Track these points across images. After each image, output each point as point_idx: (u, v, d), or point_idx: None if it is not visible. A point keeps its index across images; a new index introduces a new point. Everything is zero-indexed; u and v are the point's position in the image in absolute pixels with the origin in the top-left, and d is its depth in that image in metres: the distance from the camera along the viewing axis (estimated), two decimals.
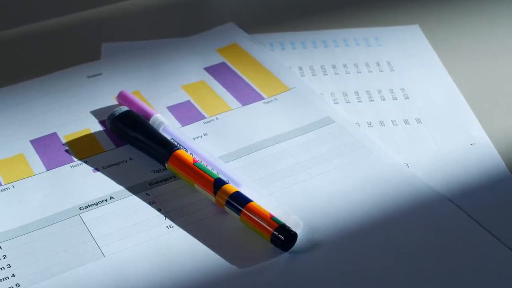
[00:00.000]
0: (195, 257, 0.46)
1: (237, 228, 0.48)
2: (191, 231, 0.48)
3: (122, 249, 0.47)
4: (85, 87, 0.60)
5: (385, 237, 0.47)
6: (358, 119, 0.56)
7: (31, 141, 0.55)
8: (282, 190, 0.50)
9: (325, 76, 0.61)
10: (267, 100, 0.58)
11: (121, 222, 0.49)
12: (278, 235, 0.46)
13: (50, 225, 0.48)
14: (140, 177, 0.52)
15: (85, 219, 0.49)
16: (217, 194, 0.49)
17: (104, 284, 0.45)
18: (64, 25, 0.68)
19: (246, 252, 0.46)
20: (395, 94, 0.59)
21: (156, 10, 0.70)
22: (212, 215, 0.49)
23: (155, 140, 0.52)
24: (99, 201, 0.50)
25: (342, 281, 0.45)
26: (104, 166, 0.53)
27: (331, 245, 0.47)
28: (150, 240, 0.47)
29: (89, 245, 0.47)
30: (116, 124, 0.54)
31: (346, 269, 0.45)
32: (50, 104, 0.58)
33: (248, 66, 0.61)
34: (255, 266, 0.45)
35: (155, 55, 0.63)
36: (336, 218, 0.48)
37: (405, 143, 0.54)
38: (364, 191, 0.50)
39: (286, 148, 0.54)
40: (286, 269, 0.45)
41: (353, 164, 0.52)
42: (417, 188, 0.50)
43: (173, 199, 0.50)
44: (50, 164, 0.53)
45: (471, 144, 0.54)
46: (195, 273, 0.45)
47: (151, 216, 0.49)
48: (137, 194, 0.50)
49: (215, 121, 0.56)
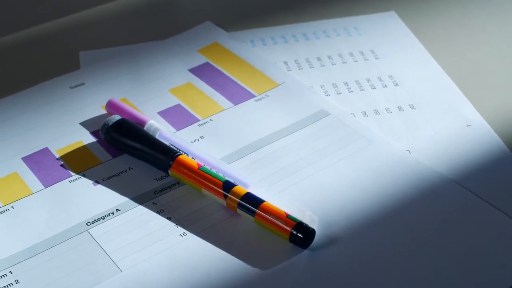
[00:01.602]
0: (215, 263, 0.45)
1: (251, 229, 0.47)
2: (205, 237, 0.47)
3: (139, 262, 0.46)
4: (69, 98, 0.58)
5: (399, 225, 0.47)
6: (352, 109, 0.56)
7: (23, 159, 0.53)
8: (290, 187, 0.50)
9: (311, 69, 0.60)
10: (258, 97, 0.57)
11: (132, 234, 0.47)
12: (297, 234, 0.45)
13: (59, 244, 0.47)
14: (143, 186, 0.51)
15: (94, 235, 0.47)
16: (228, 197, 0.48)
17: None
18: (34, 36, 0.66)
19: (265, 253, 0.46)
20: (384, 81, 0.59)
21: (127, 14, 0.68)
22: (224, 219, 0.48)
23: (154, 148, 0.51)
24: (105, 214, 0.49)
25: (365, 272, 0.45)
26: (104, 178, 0.51)
27: (348, 238, 0.46)
28: (166, 250, 0.46)
29: (104, 261, 0.46)
30: (110, 134, 0.53)
31: (367, 260, 0.45)
32: (36, 119, 0.56)
33: (233, 65, 0.61)
34: (278, 266, 0.45)
35: (135, 60, 0.62)
36: (348, 210, 0.48)
37: (402, 129, 0.54)
38: (371, 181, 0.50)
39: (286, 145, 0.53)
40: (309, 266, 0.45)
41: (355, 155, 0.52)
42: (423, 174, 0.50)
43: (181, 206, 0.49)
44: (47, 181, 0.51)
45: (467, 125, 0.54)
46: (219, 279, 0.44)
47: (162, 226, 0.48)
48: (144, 204, 0.49)
49: (209, 122, 0.56)
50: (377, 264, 0.45)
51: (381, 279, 0.44)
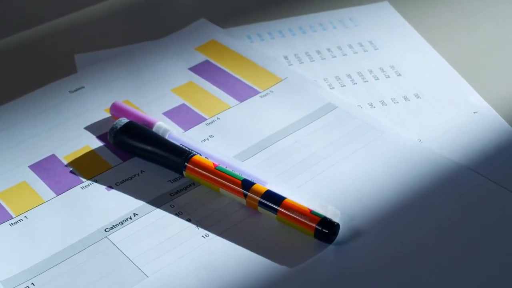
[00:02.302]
0: (242, 263, 0.45)
1: (273, 227, 0.47)
2: (228, 237, 0.46)
3: (164, 266, 0.45)
4: (70, 102, 0.57)
5: (419, 215, 0.47)
6: (358, 101, 0.56)
7: (30, 167, 0.52)
8: (307, 183, 0.50)
9: (312, 62, 0.60)
10: (263, 93, 0.57)
11: (153, 238, 0.47)
12: (322, 229, 0.45)
13: (79, 252, 0.46)
14: (158, 189, 0.50)
15: (114, 241, 0.47)
16: (248, 195, 0.47)
17: None
18: (25, 41, 0.64)
19: (291, 250, 0.46)
20: (387, 72, 0.59)
21: (118, 14, 0.67)
22: (245, 218, 0.48)
23: (167, 149, 0.50)
24: (123, 219, 0.48)
25: (392, 264, 0.45)
26: (117, 183, 0.50)
27: (371, 231, 0.46)
28: (190, 253, 0.46)
29: (128, 267, 0.45)
30: (119, 137, 0.52)
31: (393, 252, 0.45)
32: (39, 125, 0.55)
33: (234, 62, 0.60)
34: (305, 263, 0.45)
35: (133, 60, 0.61)
36: (368, 202, 0.48)
37: (410, 119, 0.55)
38: (387, 173, 0.50)
39: (297, 140, 0.53)
40: (335, 261, 0.45)
41: (368, 147, 0.52)
42: (437, 162, 0.50)
43: (200, 207, 0.48)
44: (59, 188, 0.50)
45: (474, 112, 0.55)
46: (248, 279, 0.44)
47: (183, 228, 0.47)
48: (161, 207, 0.49)
49: (217, 121, 0.55)
50: (404, 255, 0.45)
51: (409, 269, 0.44)
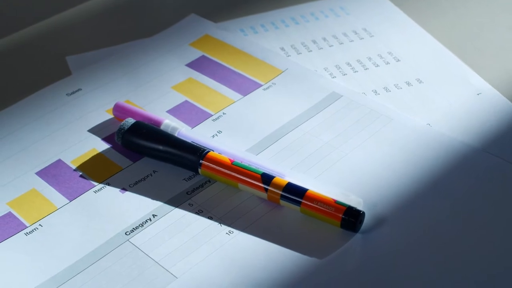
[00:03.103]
0: (272, 257, 0.44)
1: (296, 219, 0.46)
2: (253, 232, 0.46)
3: (192, 266, 0.44)
4: (69, 106, 0.55)
5: (438, 199, 0.47)
6: (362, 89, 0.56)
7: (37, 173, 0.50)
8: (323, 173, 0.49)
9: (310, 52, 0.60)
10: (265, 86, 0.56)
11: (177, 238, 0.46)
12: (348, 219, 0.45)
13: (102, 258, 0.45)
14: (173, 188, 0.49)
15: (136, 244, 0.45)
16: (269, 190, 0.47)
17: None
18: (12, 44, 0.62)
19: (318, 241, 0.45)
20: (385, 58, 0.59)
21: (104, 13, 0.65)
22: (267, 212, 0.47)
23: (180, 148, 0.50)
24: (142, 221, 0.47)
25: (419, 249, 0.44)
26: (130, 185, 0.49)
27: (394, 217, 0.46)
28: (217, 251, 0.45)
29: (155, 269, 0.44)
30: (128, 138, 0.51)
31: (418, 236, 0.45)
32: (40, 131, 0.53)
33: (231, 55, 0.59)
34: (335, 253, 0.44)
35: (128, 59, 0.60)
36: (386, 189, 0.48)
37: (416, 104, 0.55)
38: (401, 158, 0.50)
39: (307, 131, 0.52)
40: (364, 249, 0.45)
41: (379, 134, 0.52)
42: (450, 145, 0.51)
43: (219, 204, 0.48)
44: (70, 194, 0.49)
45: (478, 94, 0.55)
46: (279, 273, 0.43)
47: (205, 226, 0.46)
48: (180, 207, 0.48)
49: (223, 116, 0.54)
50: (429, 239, 0.45)
51: (436, 253, 0.44)
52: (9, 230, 0.47)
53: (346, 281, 0.43)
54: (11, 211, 0.48)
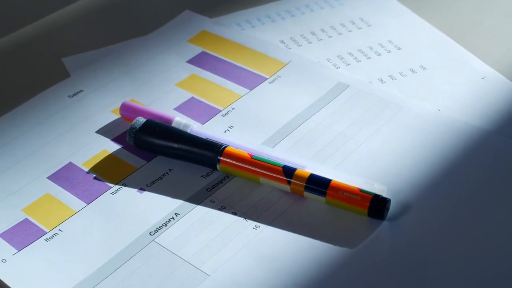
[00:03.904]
0: (303, 249, 0.44)
1: (321, 210, 0.46)
2: (280, 225, 0.45)
3: (223, 262, 0.43)
4: (72, 107, 0.54)
5: (457, 183, 0.47)
6: (367, 78, 0.56)
7: (49, 178, 0.49)
8: (341, 163, 0.49)
9: (310, 44, 0.60)
10: (271, 79, 0.56)
11: (203, 236, 0.45)
12: (376, 206, 0.45)
13: (130, 260, 0.44)
14: (192, 186, 0.48)
15: (163, 243, 0.45)
16: (292, 182, 0.46)
17: None
18: (4, 47, 0.61)
19: (346, 231, 0.45)
20: (386, 47, 0.59)
21: (94, 14, 0.64)
22: (291, 204, 0.47)
23: (196, 145, 0.49)
24: (165, 221, 0.46)
25: (446, 233, 0.45)
26: (148, 184, 0.48)
27: (417, 204, 0.46)
28: (246, 246, 0.44)
29: (185, 268, 0.43)
30: (141, 137, 0.50)
31: (444, 222, 0.45)
32: (46, 134, 0.52)
33: (232, 50, 0.59)
34: (365, 242, 0.44)
35: (126, 59, 0.58)
36: (406, 175, 0.48)
37: (423, 90, 0.55)
38: (417, 145, 0.50)
39: (319, 122, 0.52)
40: (393, 237, 0.45)
41: (391, 121, 0.52)
42: (463, 130, 0.51)
43: (241, 199, 0.47)
44: (87, 197, 0.48)
45: (482, 78, 0.56)
46: (312, 265, 0.43)
47: (231, 222, 0.46)
48: (202, 204, 0.47)
49: (232, 111, 0.54)
50: (455, 222, 0.45)
51: (463, 237, 0.44)
52: (28, 237, 0.45)
53: (380, 269, 0.43)
54: (28, 218, 0.47)
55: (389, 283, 0.42)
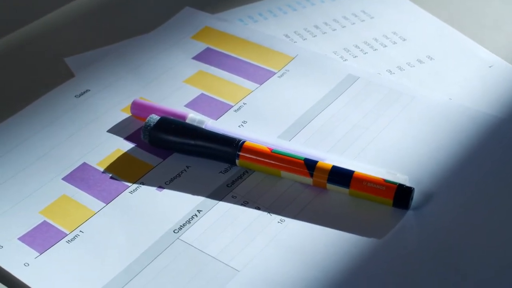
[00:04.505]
0: (330, 241, 0.43)
1: (345, 202, 0.46)
2: (305, 218, 0.45)
3: (251, 258, 0.43)
4: (80, 107, 0.53)
5: (475, 171, 0.48)
6: (376, 69, 0.56)
7: (64, 179, 0.48)
8: (360, 154, 0.49)
9: (315, 37, 0.59)
10: (279, 73, 0.56)
11: (228, 232, 0.44)
12: (401, 196, 0.45)
13: (156, 259, 0.43)
14: (212, 182, 0.47)
15: (188, 241, 0.44)
16: (314, 174, 0.46)
17: None
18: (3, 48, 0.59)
19: (371, 221, 0.45)
20: (391, 39, 0.59)
21: (92, 13, 0.63)
22: (314, 197, 0.46)
23: (213, 141, 0.48)
24: (188, 218, 0.45)
25: (470, 221, 0.45)
26: (166, 182, 0.48)
27: (439, 192, 0.46)
28: (273, 240, 0.44)
29: (214, 265, 0.43)
30: (156, 135, 0.49)
31: (467, 209, 0.45)
32: (56, 135, 0.51)
33: (236, 45, 0.58)
34: (392, 231, 0.44)
35: (129, 57, 0.58)
36: (427, 165, 0.48)
37: (432, 80, 0.55)
38: (432, 134, 0.50)
39: (333, 114, 0.52)
40: (419, 225, 0.44)
41: (405, 111, 0.52)
42: (476, 118, 0.51)
43: (263, 193, 0.47)
44: (105, 197, 0.47)
45: (490, 66, 0.56)
46: (341, 257, 0.43)
47: (255, 217, 0.45)
48: (224, 200, 0.46)
49: (244, 106, 0.53)
50: (478, 209, 0.45)
51: (487, 222, 0.45)
52: (49, 239, 0.44)
53: (410, 259, 0.43)
54: (46, 220, 0.46)
55: (420, 272, 0.42)
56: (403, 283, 0.42)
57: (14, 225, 0.45)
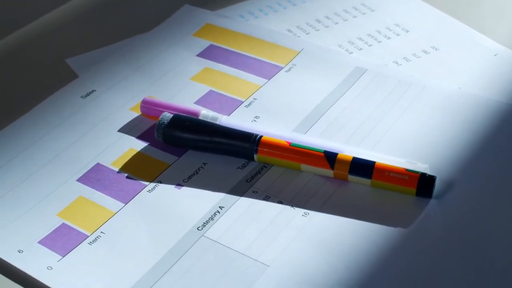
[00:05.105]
0: (357, 233, 0.43)
1: (367, 192, 0.46)
2: (329, 211, 0.45)
3: (279, 252, 0.42)
4: (88, 108, 0.52)
5: (492, 158, 0.48)
6: (382, 61, 0.56)
7: (79, 180, 0.47)
8: (376, 145, 0.49)
9: (318, 31, 0.59)
10: (287, 68, 0.55)
11: (253, 227, 0.44)
12: (424, 185, 0.45)
13: (182, 257, 0.42)
14: (231, 178, 0.47)
15: (213, 237, 0.43)
16: (335, 166, 0.46)
17: None
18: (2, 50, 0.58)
19: (395, 211, 0.44)
20: (394, 30, 0.59)
21: (88, 13, 0.62)
22: (336, 189, 0.46)
23: (230, 136, 0.48)
24: (211, 215, 0.45)
25: (492, 207, 0.45)
26: (184, 180, 0.47)
27: (459, 180, 0.46)
28: (300, 233, 0.43)
29: (242, 261, 0.42)
30: (170, 133, 0.48)
31: (488, 196, 0.45)
32: (66, 136, 0.50)
33: (240, 41, 0.58)
34: (418, 220, 0.44)
35: (132, 56, 0.57)
36: (444, 153, 0.48)
37: (439, 70, 0.55)
38: (446, 123, 0.50)
39: (345, 107, 0.52)
40: (443, 214, 0.44)
41: (416, 102, 0.52)
42: (487, 106, 0.51)
43: (284, 187, 0.46)
44: (123, 197, 0.46)
45: (495, 55, 0.56)
46: (369, 248, 0.42)
47: (279, 211, 0.45)
48: (245, 195, 0.46)
49: (255, 102, 0.52)
50: (498, 195, 0.45)
51: (509, 207, 0.45)
52: (70, 241, 0.43)
53: (437, 246, 0.43)
54: (65, 222, 0.44)
55: (449, 259, 0.42)
56: (433, 270, 0.41)
57: (32, 228, 0.44)
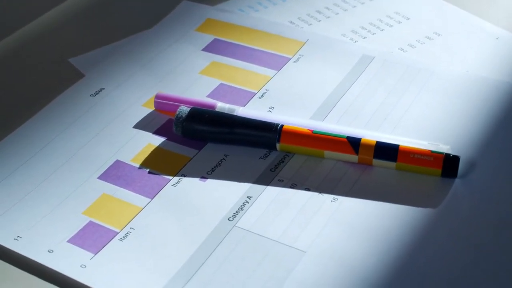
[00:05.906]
0: (388, 215, 0.43)
1: (392, 175, 0.46)
2: (357, 195, 0.45)
3: (314, 238, 0.42)
4: (99, 106, 0.51)
5: (510, 135, 0.49)
6: (388, 48, 0.56)
7: (100, 178, 0.46)
8: (394, 130, 0.49)
9: (319, 22, 0.59)
10: (294, 58, 0.55)
11: (284, 215, 0.44)
12: (449, 165, 0.45)
13: (216, 249, 0.42)
14: (254, 168, 0.47)
15: (245, 227, 0.43)
16: (360, 151, 0.46)
17: (332, 275, 0.40)
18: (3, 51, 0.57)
19: (422, 192, 0.45)
20: (395, 18, 0.59)
21: (84, 12, 0.61)
22: (361, 173, 0.46)
23: (251, 127, 0.47)
24: (240, 205, 0.44)
25: None
26: (208, 172, 0.46)
27: (481, 160, 0.47)
28: (331, 218, 0.43)
29: (278, 248, 0.42)
30: (189, 126, 0.48)
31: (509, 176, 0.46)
32: (81, 135, 0.49)
33: (244, 35, 0.57)
34: (446, 200, 0.44)
35: (137, 53, 0.56)
36: (462, 135, 0.48)
37: (444, 55, 0.56)
38: (459, 105, 0.51)
39: (357, 94, 0.52)
40: (470, 193, 0.45)
41: (427, 86, 0.52)
42: (496, 88, 0.52)
43: (309, 174, 0.46)
44: (148, 192, 0.45)
45: (496, 38, 0.57)
46: (403, 229, 0.42)
47: (307, 198, 0.45)
48: (271, 184, 0.45)
49: (267, 93, 0.52)
50: None
51: None
52: (100, 239, 0.43)
53: (468, 224, 0.43)
54: (92, 220, 0.44)
55: (482, 236, 0.42)
56: (468, 247, 0.42)
57: (59, 228, 0.43)
